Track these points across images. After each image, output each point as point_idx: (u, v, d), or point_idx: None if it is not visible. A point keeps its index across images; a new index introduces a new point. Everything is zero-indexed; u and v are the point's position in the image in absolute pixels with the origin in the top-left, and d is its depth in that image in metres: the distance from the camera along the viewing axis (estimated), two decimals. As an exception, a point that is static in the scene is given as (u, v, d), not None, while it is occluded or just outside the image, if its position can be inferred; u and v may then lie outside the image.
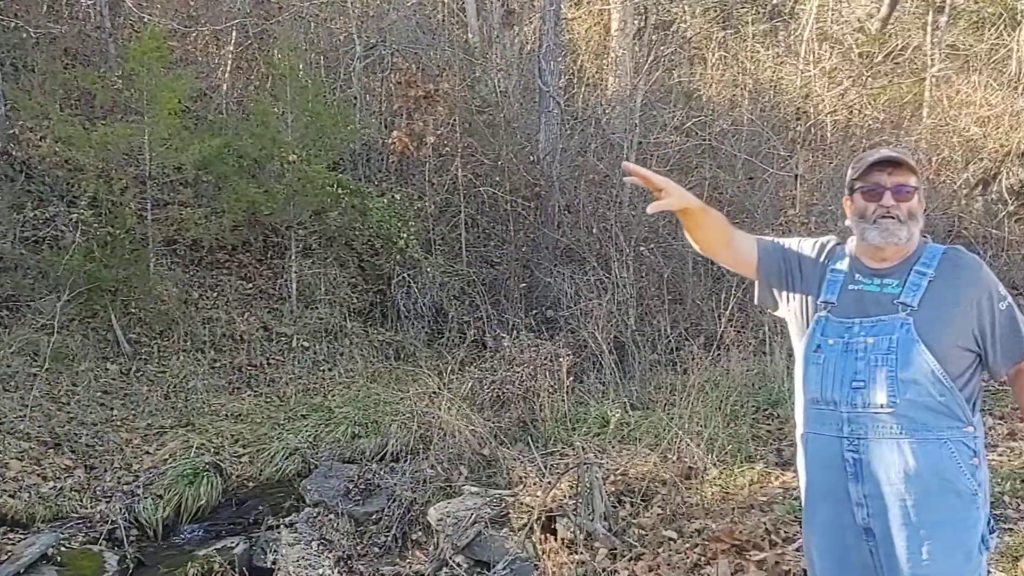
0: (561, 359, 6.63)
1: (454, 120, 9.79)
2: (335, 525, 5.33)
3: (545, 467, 5.28)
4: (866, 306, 2.25)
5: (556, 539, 4.47)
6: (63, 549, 5.16)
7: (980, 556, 2.19)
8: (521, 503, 4.93)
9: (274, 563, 5.00)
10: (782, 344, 7.14)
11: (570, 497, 4.73)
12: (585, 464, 4.69)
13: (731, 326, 7.13)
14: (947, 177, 10.78)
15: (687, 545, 4.28)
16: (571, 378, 6.79)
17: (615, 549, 4.33)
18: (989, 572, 3.82)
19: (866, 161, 2.30)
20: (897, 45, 12.93)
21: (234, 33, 11.08)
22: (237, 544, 5.33)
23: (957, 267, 2.25)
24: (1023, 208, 10.19)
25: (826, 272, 2.36)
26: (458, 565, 4.62)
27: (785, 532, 4.37)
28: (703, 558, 4.13)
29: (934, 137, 11.23)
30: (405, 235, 9.25)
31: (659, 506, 4.78)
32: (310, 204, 9.05)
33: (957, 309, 2.19)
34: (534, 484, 5.05)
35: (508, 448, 5.85)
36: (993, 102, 11.53)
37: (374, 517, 5.45)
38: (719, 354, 7.13)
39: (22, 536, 5.29)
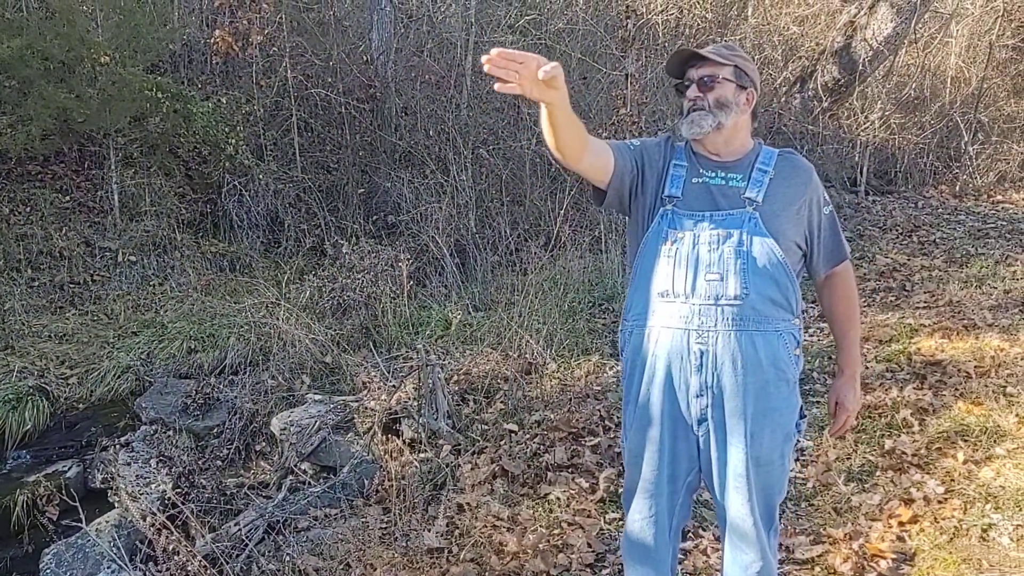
0: (402, 264, 6.60)
1: (281, 18, 9.33)
2: (174, 441, 5.21)
3: (389, 371, 5.32)
4: (714, 199, 2.31)
5: (400, 439, 4.55)
6: None
7: (793, 438, 2.38)
8: (365, 407, 4.96)
9: (103, 483, 4.85)
10: (616, 241, 7.38)
11: (414, 398, 4.80)
12: (428, 365, 4.74)
13: (567, 225, 7.29)
14: (768, 75, 11.23)
15: (527, 436, 4.44)
16: (412, 282, 6.80)
17: (459, 445, 4.45)
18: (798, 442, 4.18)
19: (673, 60, 2.36)
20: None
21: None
22: (69, 467, 5.13)
23: (794, 169, 2.36)
24: (835, 104, 10.77)
25: (668, 167, 2.40)
26: (304, 472, 4.63)
27: (617, 417, 4.60)
28: (542, 447, 4.31)
29: (757, 36, 11.64)
30: (234, 141, 8.84)
31: (501, 401, 4.92)
32: (128, 110, 8.44)
33: (793, 208, 2.31)
34: (378, 388, 5.08)
35: (351, 355, 5.84)
36: (810, 2, 12.02)
37: (215, 431, 5.36)
38: (557, 253, 7.31)
39: None
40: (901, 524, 3.48)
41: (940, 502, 3.61)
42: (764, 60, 11.41)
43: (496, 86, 2.04)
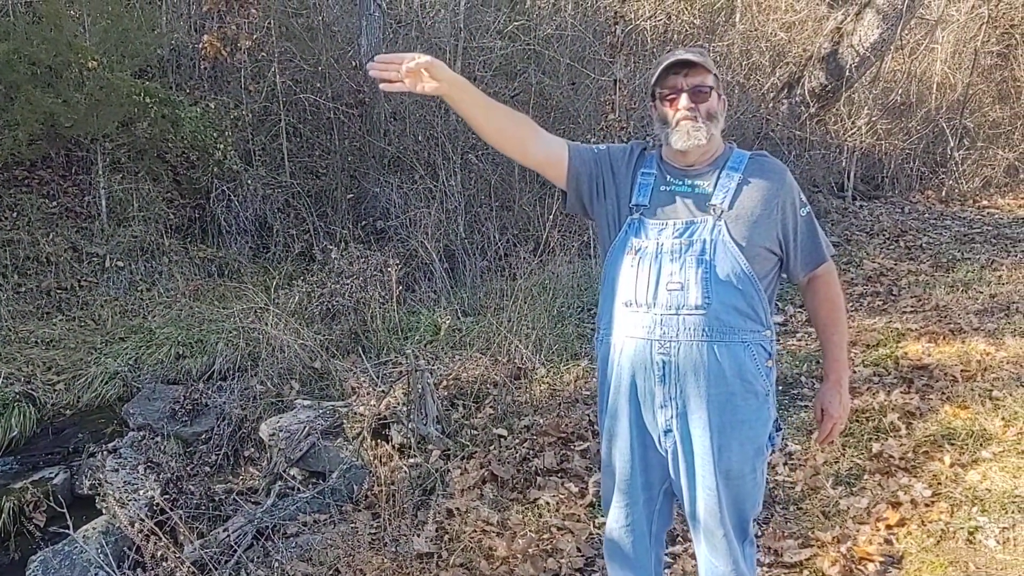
0: (391, 269, 6.60)
1: (269, 23, 9.32)
2: (162, 448, 5.19)
3: (378, 376, 5.31)
4: (678, 207, 2.28)
5: (390, 445, 4.55)
6: None
7: (766, 452, 2.36)
8: (355, 413, 4.95)
9: (91, 489, 4.83)
10: (605, 246, 7.38)
11: (403, 404, 4.79)
12: (417, 370, 4.74)
13: (556, 231, 7.29)
14: (756, 81, 11.29)
15: (517, 441, 4.45)
16: (402, 288, 6.79)
17: (448, 450, 4.45)
18: (785, 447, 4.20)
19: (661, 65, 2.29)
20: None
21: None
22: (56, 474, 5.10)
23: (764, 171, 2.30)
24: (823, 110, 10.82)
25: (636, 176, 2.36)
26: (293, 478, 4.62)
27: (607, 423, 4.60)
28: (531, 451, 4.31)
29: (745, 42, 11.69)
30: (222, 146, 8.82)
31: (490, 406, 4.92)
32: (115, 115, 8.42)
33: (764, 212, 2.25)
34: (367, 393, 5.07)
35: (340, 360, 5.83)
36: (798, 8, 12.09)
37: (203, 437, 5.35)
38: (546, 258, 7.31)
39: None
40: (889, 527, 3.50)
41: (927, 505, 3.63)
42: (752, 66, 11.47)
43: (382, 86, 2.19)
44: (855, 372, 5.05)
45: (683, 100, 2.25)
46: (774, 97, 11.05)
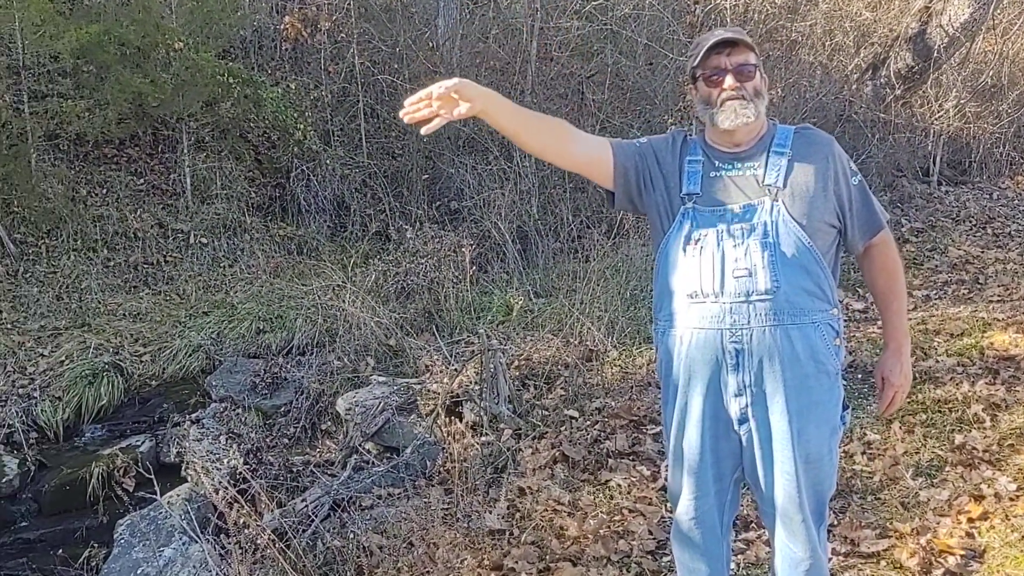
0: (464, 249, 6.66)
1: (349, 4, 9.43)
2: (243, 419, 5.35)
3: (451, 355, 5.38)
4: (732, 191, 2.24)
5: (462, 422, 4.60)
6: (-41, 455, 5.06)
7: (839, 431, 2.32)
8: (428, 390, 5.03)
9: (177, 455, 5.02)
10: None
11: (475, 383, 4.84)
12: (489, 350, 4.78)
13: (630, 213, 7.24)
14: (839, 62, 10.99)
15: (588, 423, 4.46)
16: (475, 268, 6.85)
17: (519, 429, 4.48)
18: (864, 436, 4.13)
19: (703, 46, 2.25)
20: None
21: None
22: (142, 442, 5.31)
23: (812, 144, 2.26)
24: (909, 92, 10.48)
25: (683, 164, 2.32)
26: (368, 451, 4.72)
27: (680, 406, 4.58)
28: (603, 434, 4.32)
29: (828, 22, 11.36)
30: (302, 126, 8.99)
31: (561, 387, 4.94)
32: (200, 95, 8.66)
33: (819, 185, 2.21)
34: (440, 371, 5.14)
35: (414, 338, 5.92)
36: (884, -14, 11.71)
37: (282, 410, 5.50)
38: (619, 241, 7.27)
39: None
40: (970, 520, 3.41)
41: (1012, 499, 3.53)
42: (835, 46, 11.15)
43: (422, 130, 2.11)
44: (938, 362, 4.92)
45: (729, 80, 2.21)
46: (858, 79, 10.74)
